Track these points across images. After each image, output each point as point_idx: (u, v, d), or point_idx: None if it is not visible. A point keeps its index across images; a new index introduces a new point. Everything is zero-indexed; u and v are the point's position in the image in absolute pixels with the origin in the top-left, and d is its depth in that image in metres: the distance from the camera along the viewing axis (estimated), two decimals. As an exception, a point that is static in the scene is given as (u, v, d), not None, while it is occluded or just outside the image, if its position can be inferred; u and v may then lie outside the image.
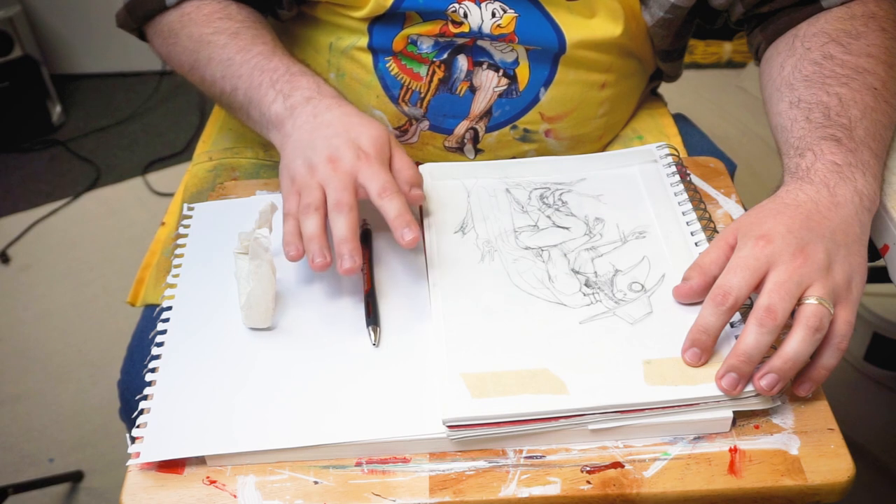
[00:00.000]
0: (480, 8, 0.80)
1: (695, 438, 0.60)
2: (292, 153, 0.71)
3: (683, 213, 0.75)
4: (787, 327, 0.59)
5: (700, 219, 0.73)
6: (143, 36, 0.89)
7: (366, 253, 0.73)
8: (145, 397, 0.63)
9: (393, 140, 0.73)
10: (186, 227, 0.79)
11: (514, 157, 0.90)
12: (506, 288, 0.69)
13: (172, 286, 0.73)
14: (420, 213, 0.77)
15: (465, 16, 0.80)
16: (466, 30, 0.81)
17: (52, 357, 1.62)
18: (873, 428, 1.39)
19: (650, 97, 1.03)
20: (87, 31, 2.31)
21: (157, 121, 2.25)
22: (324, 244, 0.66)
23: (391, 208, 0.67)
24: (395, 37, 0.83)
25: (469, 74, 0.84)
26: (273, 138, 0.76)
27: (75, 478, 1.41)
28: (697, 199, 0.76)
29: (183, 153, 2.12)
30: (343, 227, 0.66)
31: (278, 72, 0.76)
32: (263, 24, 0.84)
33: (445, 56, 0.84)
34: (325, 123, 0.72)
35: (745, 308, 0.63)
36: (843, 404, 1.32)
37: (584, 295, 0.68)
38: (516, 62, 0.84)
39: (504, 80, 0.85)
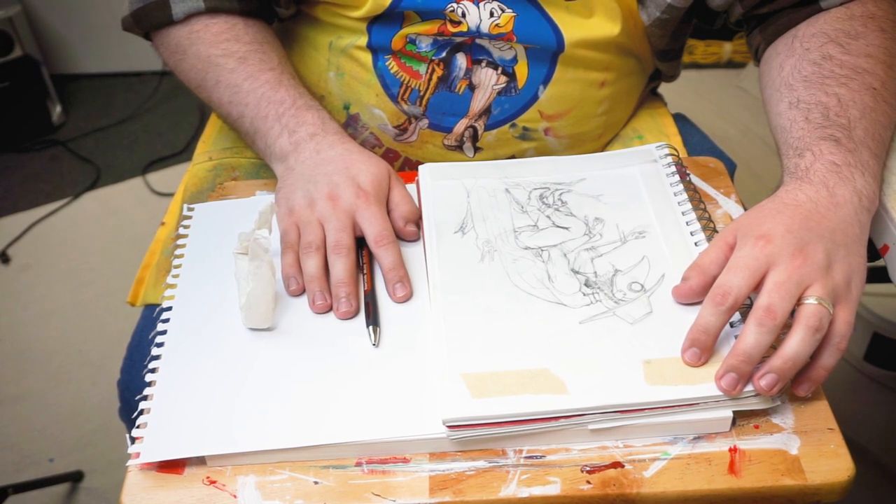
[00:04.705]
0: (479, 7, 0.80)
1: (695, 438, 0.60)
2: (293, 185, 0.74)
3: (683, 213, 0.75)
4: (786, 327, 0.59)
5: (700, 219, 0.73)
6: (148, 36, 0.90)
7: (366, 253, 0.73)
8: (145, 397, 0.63)
9: (393, 175, 0.76)
10: (186, 227, 0.79)
11: (513, 156, 0.90)
12: (506, 288, 0.69)
13: (172, 286, 0.73)
14: (420, 213, 0.77)
15: (464, 15, 0.80)
16: (465, 29, 0.81)
17: (52, 357, 1.62)
18: (873, 428, 1.39)
19: (650, 97, 1.03)
20: (87, 31, 2.31)
21: (157, 121, 2.25)
22: (324, 286, 0.70)
23: (386, 259, 0.71)
24: (394, 36, 0.83)
25: (468, 72, 0.84)
26: (276, 169, 0.79)
27: (75, 478, 1.41)
28: (697, 199, 0.76)
29: (183, 153, 2.13)
30: (341, 270, 0.69)
31: (284, 104, 0.78)
32: (271, 43, 0.85)
33: (444, 54, 0.84)
34: (327, 160, 0.74)
35: (745, 308, 0.63)
36: (843, 404, 1.32)
37: (584, 295, 0.68)
38: (515, 60, 0.84)
39: (503, 78, 0.85)
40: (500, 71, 0.84)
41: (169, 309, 0.71)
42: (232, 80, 0.80)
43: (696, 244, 0.71)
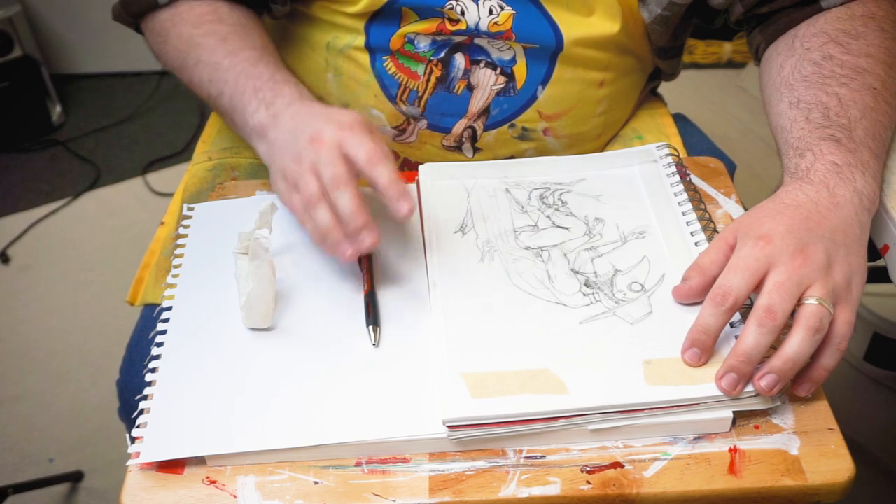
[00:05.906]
0: (478, 5, 0.80)
1: (695, 438, 0.60)
2: (280, 155, 0.70)
3: (683, 213, 0.75)
4: (786, 327, 0.59)
5: (700, 219, 0.73)
6: (139, 29, 0.90)
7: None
8: (145, 397, 0.63)
9: (374, 129, 0.71)
10: (186, 227, 0.79)
11: (512, 156, 0.90)
12: (506, 288, 0.69)
13: (172, 286, 0.73)
14: (420, 213, 0.77)
15: (462, 13, 0.80)
16: (464, 27, 0.81)
17: (52, 357, 1.62)
18: (873, 428, 1.39)
19: (650, 97, 1.03)
20: (87, 31, 2.31)
21: (157, 121, 2.25)
22: (341, 234, 0.66)
23: (382, 176, 0.65)
24: (392, 35, 0.83)
25: (467, 73, 0.84)
26: (259, 148, 0.75)
27: (75, 478, 1.41)
28: (697, 199, 0.76)
29: (183, 153, 2.12)
30: (347, 202, 0.65)
31: (262, 78, 0.75)
32: (255, 27, 0.83)
33: (443, 55, 0.84)
34: (304, 118, 0.70)
35: (745, 308, 0.63)
36: (843, 404, 1.32)
37: (584, 295, 0.68)
38: (514, 60, 0.84)
39: (502, 79, 0.85)
40: (498, 71, 0.84)
41: (169, 309, 0.71)
42: (212, 59, 0.78)
43: (696, 244, 0.71)
